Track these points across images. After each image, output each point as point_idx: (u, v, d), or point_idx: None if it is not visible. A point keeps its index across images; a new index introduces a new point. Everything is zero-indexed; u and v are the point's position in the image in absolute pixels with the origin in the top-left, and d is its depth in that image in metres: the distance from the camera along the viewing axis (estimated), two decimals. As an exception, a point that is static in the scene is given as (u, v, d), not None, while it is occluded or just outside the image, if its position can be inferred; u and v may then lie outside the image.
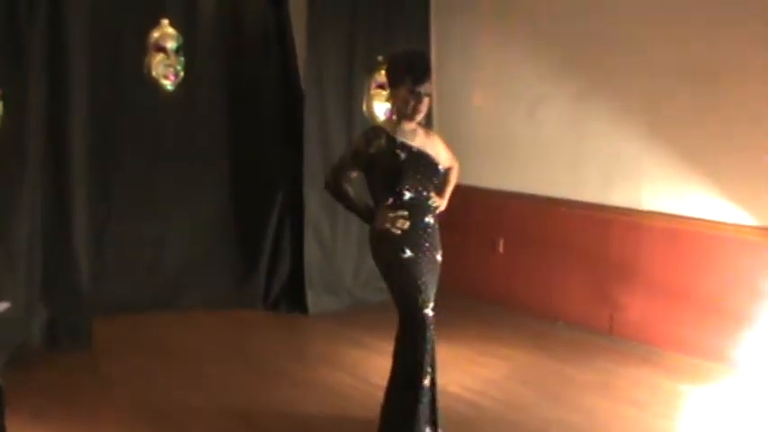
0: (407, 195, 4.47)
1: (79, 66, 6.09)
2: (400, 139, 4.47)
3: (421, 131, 4.59)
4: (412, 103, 4.43)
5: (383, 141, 4.44)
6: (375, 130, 4.56)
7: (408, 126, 4.52)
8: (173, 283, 7.28)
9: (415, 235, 4.48)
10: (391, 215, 4.43)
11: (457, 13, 7.85)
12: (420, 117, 4.54)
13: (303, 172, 7.24)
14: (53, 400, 5.25)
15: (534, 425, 5.01)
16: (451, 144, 4.61)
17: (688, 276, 6.17)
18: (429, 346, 4.45)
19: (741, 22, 5.78)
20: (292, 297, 7.43)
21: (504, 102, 7.49)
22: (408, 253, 4.45)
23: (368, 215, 4.53)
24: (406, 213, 4.44)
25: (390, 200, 4.46)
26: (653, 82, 6.30)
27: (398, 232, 4.42)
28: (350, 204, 4.59)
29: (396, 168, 4.44)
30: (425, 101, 4.48)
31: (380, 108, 7.49)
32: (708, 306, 6.04)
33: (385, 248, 4.50)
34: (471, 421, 5.08)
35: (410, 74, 4.43)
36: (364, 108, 7.54)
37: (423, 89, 4.44)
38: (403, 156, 4.45)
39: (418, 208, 4.50)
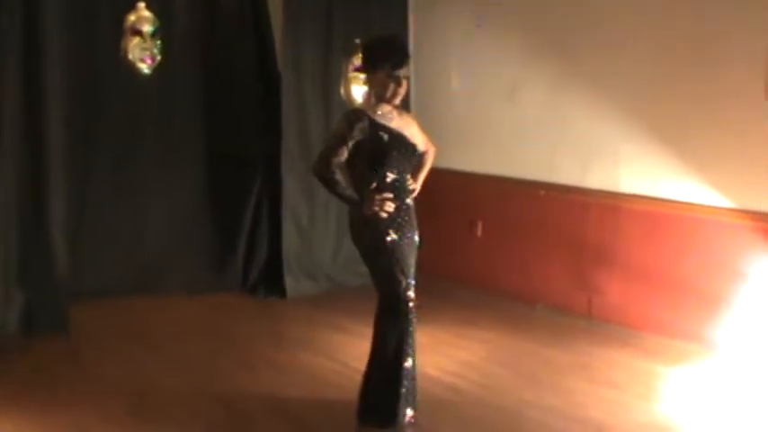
0: (390, 178, 4.48)
1: (54, 50, 6.05)
2: (381, 121, 4.47)
3: (396, 113, 4.59)
4: (391, 86, 4.44)
5: (366, 124, 4.43)
6: (356, 112, 4.54)
7: (385, 109, 4.52)
8: (151, 268, 7.27)
9: (398, 218, 4.50)
10: (378, 198, 4.43)
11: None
12: (398, 100, 4.55)
13: (281, 156, 7.22)
14: (31, 385, 5.24)
15: (513, 407, 5.01)
16: (430, 127, 4.62)
17: (666, 259, 6.19)
18: (412, 329, 4.52)
19: (719, 4, 5.80)
20: (271, 281, 7.42)
21: (482, 85, 7.48)
22: (393, 236, 4.47)
23: (358, 200, 4.47)
24: (391, 196, 4.45)
25: (375, 183, 4.46)
26: (631, 66, 6.31)
27: (385, 215, 4.43)
28: (341, 191, 4.46)
29: (380, 151, 4.45)
30: (404, 84, 4.48)
31: (358, 91, 7.46)
32: (686, 288, 6.07)
33: (369, 232, 4.50)
34: (450, 404, 5.08)
35: (388, 58, 4.44)
36: (342, 91, 7.51)
37: (401, 72, 4.45)
38: (386, 138, 4.45)
39: (400, 190, 4.52)
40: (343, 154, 4.44)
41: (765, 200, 5.64)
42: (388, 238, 4.46)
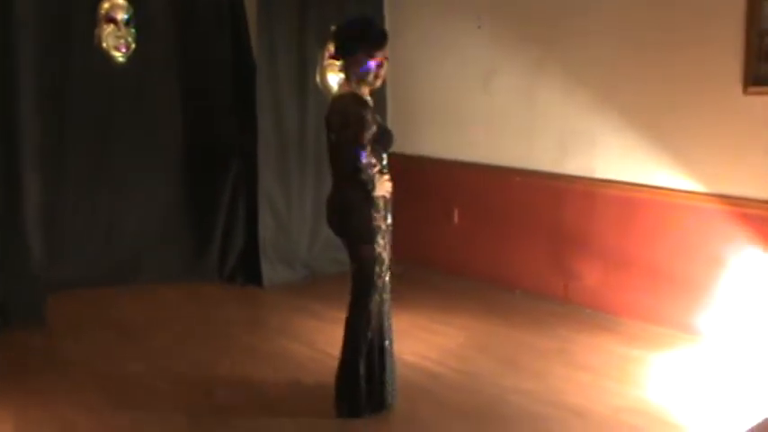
0: (385, 160, 4.54)
1: (26, 38, 5.99)
2: (371, 105, 4.50)
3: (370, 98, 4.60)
4: (375, 70, 4.44)
5: (369, 109, 4.44)
6: (356, 98, 4.47)
7: (366, 92, 4.51)
8: (128, 259, 7.24)
9: (385, 204, 4.53)
10: (385, 181, 4.49)
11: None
12: (380, 83, 4.56)
13: (256, 143, 7.19)
14: (7, 378, 5.21)
15: (491, 392, 5.05)
16: (406, 115, 4.64)
17: (642, 244, 6.23)
18: (391, 311, 4.62)
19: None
20: (248, 269, 7.41)
21: (458, 71, 7.47)
22: (390, 219, 4.55)
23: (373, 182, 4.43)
24: (388, 177, 4.52)
25: (378, 166, 4.46)
26: (605, 52, 6.33)
27: (388, 197, 4.50)
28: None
29: (379, 134, 4.47)
30: (385, 65, 4.49)
31: (334, 79, 7.46)
32: (661, 273, 6.11)
33: (371, 215, 4.45)
34: (429, 389, 5.10)
35: (367, 38, 4.44)
36: (317, 79, 7.50)
37: (382, 54, 4.44)
38: (379, 121, 4.51)
39: (388, 173, 4.56)
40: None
41: (739, 184, 5.69)
42: (388, 222, 4.54)
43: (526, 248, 6.97)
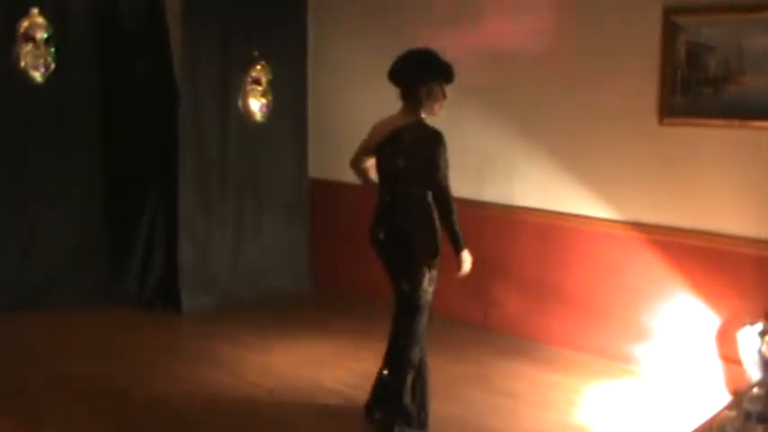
0: None
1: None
2: None
3: None
4: (442, 100, 4.66)
5: None
6: (431, 128, 4.68)
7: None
8: (42, 284, 7.06)
9: None
10: None
11: (333, 11, 7.85)
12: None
13: (177, 169, 7.14)
14: None
15: (412, 417, 5.05)
16: (327, 140, 4.63)
17: (560, 270, 6.33)
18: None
19: (605, 21, 6.01)
20: (166, 295, 7.31)
21: (377, 100, 7.49)
22: None
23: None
24: None
25: None
26: (525, 82, 6.44)
27: None
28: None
29: None
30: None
31: (256, 104, 7.46)
32: (578, 299, 6.22)
33: (437, 238, 4.74)
34: (348, 416, 5.09)
35: (442, 71, 4.65)
36: (240, 104, 7.48)
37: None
38: None
39: None
40: None
41: (655, 212, 5.84)
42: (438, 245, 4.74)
43: (446, 274, 6.98)
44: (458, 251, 4.70)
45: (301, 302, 7.56)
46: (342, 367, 5.89)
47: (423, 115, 4.67)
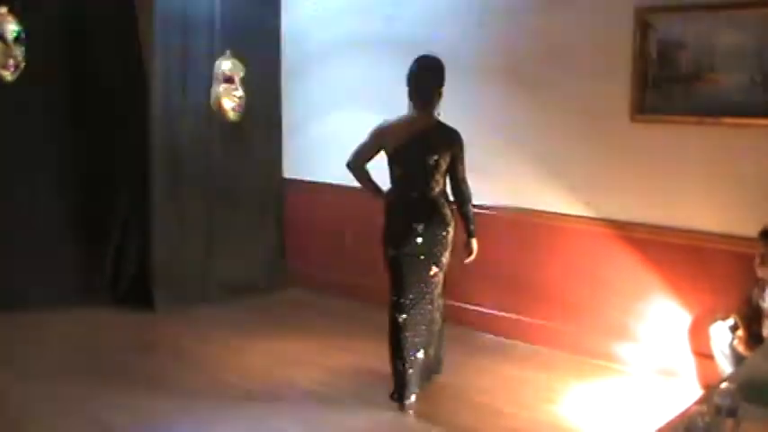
0: None
1: None
2: None
3: None
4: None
5: None
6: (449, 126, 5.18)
7: None
8: (14, 284, 6.98)
9: None
10: None
11: (307, 8, 7.84)
12: None
13: (150, 169, 7.12)
14: None
15: (383, 415, 5.08)
16: (299, 142, 4.64)
17: (533, 267, 6.36)
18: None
19: (573, 15, 6.05)
20: (139, 294, 7.27)
21: (349, 101, 7.51)
22: None
23: None
24: None
25: None
26: (497, 79, 6.46)
27: None
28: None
29: None
30: None
31: (228, 103, 7.41)
32: (552, 296, 6.24)
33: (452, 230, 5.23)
34: (320, 414, 5.11)
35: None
36: (212, 103, 7.43)
37: None
38: None
39: None
40: None
41: (625, 209, 5.88)
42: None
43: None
44: (471, 236, 5.32)
45: (275, 301, 7.56)
46: (314, 365, 5.89)
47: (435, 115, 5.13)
